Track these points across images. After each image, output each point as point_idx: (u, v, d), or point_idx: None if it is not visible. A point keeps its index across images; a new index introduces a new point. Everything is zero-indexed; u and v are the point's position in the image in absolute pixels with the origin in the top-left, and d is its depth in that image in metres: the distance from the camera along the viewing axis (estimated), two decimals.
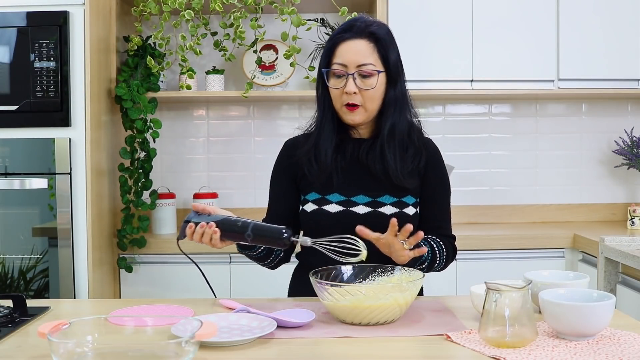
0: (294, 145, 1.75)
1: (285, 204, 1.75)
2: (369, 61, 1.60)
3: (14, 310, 1.44)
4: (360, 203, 1.66)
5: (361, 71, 1.60)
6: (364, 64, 1.60)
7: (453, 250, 1.75)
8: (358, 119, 1.64)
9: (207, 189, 3.17)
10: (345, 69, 1.61)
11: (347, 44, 1.61)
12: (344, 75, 1.61)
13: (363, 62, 1.60)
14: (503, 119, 3.34)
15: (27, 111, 2.51)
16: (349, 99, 1.61)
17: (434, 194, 1.73)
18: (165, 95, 2.99)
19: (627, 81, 3.01)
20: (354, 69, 1.60)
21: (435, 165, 1.73)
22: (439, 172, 1.74)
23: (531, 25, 2.98)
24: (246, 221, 1.46)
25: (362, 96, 1.61)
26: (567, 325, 1.23)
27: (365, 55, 1.60)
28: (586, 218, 3.33)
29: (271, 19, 3.03)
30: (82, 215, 2.53)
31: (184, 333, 1.15)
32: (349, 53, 1.60)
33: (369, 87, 1.60)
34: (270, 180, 1.79)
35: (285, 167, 1.74)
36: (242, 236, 1.45)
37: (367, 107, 1.63)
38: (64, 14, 2.51)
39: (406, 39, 2.97)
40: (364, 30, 1.61)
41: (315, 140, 1.68)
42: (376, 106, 1.64)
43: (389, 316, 1.36)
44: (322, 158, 1.66)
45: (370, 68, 1.60)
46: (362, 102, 1.62)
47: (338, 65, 1.62)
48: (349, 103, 1.61)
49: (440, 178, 1.74)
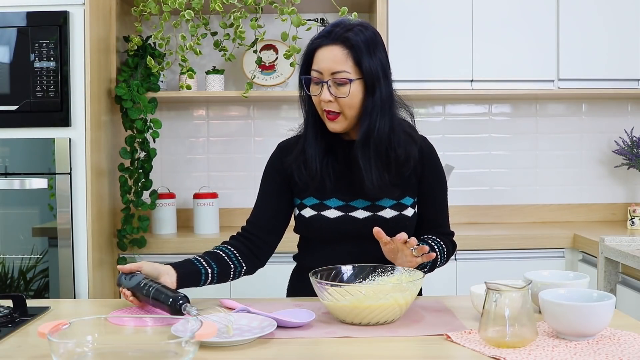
0: (287, 148, 1.73)
1: (272, 206, 1.72)
2: (342, 68, 1.55)
3: (14, 310, 1.44)
4: (359, 207, 1.66)
5: (335, 79, 1.55)
6: (337, 72, 1.55)
7: (453, 246, 1.75)
8: (338, 128, 1.61)
9: (207, 189, 3.16)
10: (321, 76, 1.57)
11: (323, 50, 1.57)
12: (320, 82, 1.58)
13: (336, 70, 1.55)
14: (503, 119, 3.34)
15: (27, 111, 2.51)
16: (325, 106, 1.58)
17: (431, 192, 1.72)
18: (165, 95, 2.99)
19: (627, 81, 3.01)
20: (328, 76, 1.56)
21: (431, 164, 1.72)
22: (434, 170, 1.73)
23: (531, 25, 2.98)
24: (149, 288, 1.43)
25: (339, 104, 1.57)
26: (567, 325, 1.23)
27: (338, 62, 1.55)
28: (586, 218, 3.33)
29: (271, 19, 3.03)
30: (82, 215, 2.53)
31: (184, 333, 1.15)
32: (324, 60, 1.56)
33: (343, 95, 1.56)
34: (261, 181, 1.77)
35: (278, 169, 1.72)
36: (147, 300, 1.44)
37: (346, 115, 1.59)
38: (64, 14, 2.51)
39: (406, 39, 2.97)
40: (340, 36, 1.55)
41: (302, 146, 1.67)
42: (355, 113, 1.59)
43: (389, 316, 1.36)
44: (310, 164, 1.64)
45: (343, 76, 1.55)
46: (340, 109, 1.58)
47: (315, 72, 1.58)
48: (328, 111, 1.59)
49: (437, 176, 1.73)
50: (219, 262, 1.64)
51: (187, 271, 1.58)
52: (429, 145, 1.74)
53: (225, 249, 1.69)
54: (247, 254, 1.69)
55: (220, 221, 3.08)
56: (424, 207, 1.72)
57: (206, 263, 1.62)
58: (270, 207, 1.73)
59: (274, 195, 1.73)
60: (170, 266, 1.57)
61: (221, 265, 1.64)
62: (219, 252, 1.67)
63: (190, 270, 1.59)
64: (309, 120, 1.67)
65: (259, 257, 1.72)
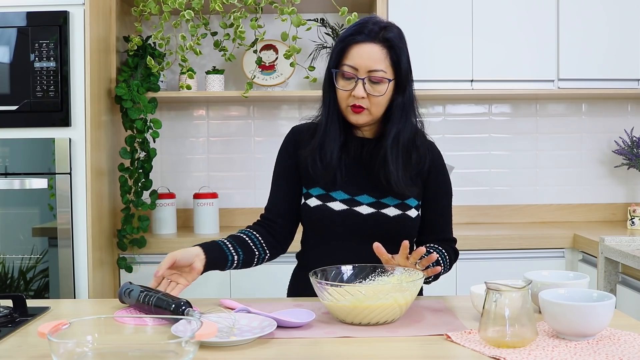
0: (300, 133, 1.74)
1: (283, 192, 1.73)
2: (380, 67, 1.57)
3: (14, 310, 1.44)
4: (364, 203, 1.66)
5: (372, 77, 1.57)
6: (375, 70, 1.57)
7: (455, 253, 1.75)
8: (362, 121, 1.63)
9: (207, 189, 3.17)
10: (355, 72, 1.58)
11: (360, 47, 1.57)
12: (353, 78, 1.58)
13: (375, 68, 1.57)
14: (503, 119, 3.34)
15: (27, 111, 2.51)
16: (355, 101, 1.59)
17: (436, 198, 1.73)
18: (165, 95, 2.99)
19: (627, 81, 3.01)
20: (365, 73, 1.57)
21: (438, 170, 1.73)
22: (441, 176, 1.74)
23: (531, 25, 2.98)
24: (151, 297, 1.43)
25: (369, 101, 1.59)
26: (567, 325, 1.23)
27: (377, 60, 1.57)
28: (586, 218, 3.33)
29: (271, 19, 3.03)
30: (82, 215, 2.53)
31: (184, 333, 1.15)
32: (362, 57, 1.57)
33: (378, 93, 1.58)
34: (275, 166, 1.77)
35: (291, 154, 1.73)
36: (150, 309, 1.43)
37: (372, 111, 1.61)
38: (64, 14, 2.51)
39: (406, 39, 2.96)
40: (378, 35, 1.58)
41: (320, 140, 1.66)
42: (381, 111, 1.63)
43: (389, 316, 1.36)
44: (327, 159, 1.64)
45: (381, 75, 1.57)
46: (368, 106, 1.60)
47: (349, 67, 1.58)
48: (355, 105, 1.60)
49: (443, 182, 1.74)
50: (245, 248, 1.66)
51: (215, 257, 1.60)
52: (438, 152, 1.75)
53: (251, 234, 1.70)
54: (271, 241, 1.71)
55: (220, 221, 3.08)
56: (428, 211, 1.73)
57: (233, 249, 1.64)
58: (287, 192, 1.73)
59: (289, 180, 1.73)
60: (200, 248, 1.58)
61: (247, 252, 1.66)
62: (245, 238, 1.68)
63: (218, 257, 1.61)
64: (332, 116, 1.66)
65: (281, 243, 1.74)
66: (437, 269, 1.51)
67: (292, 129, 1.78)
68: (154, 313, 1.41)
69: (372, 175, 1.67)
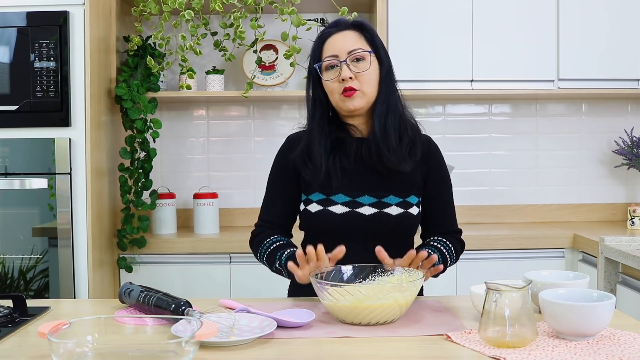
0: (296, 141, 1.74)
1: (283, 203, 1.74)
2: (358, 46, 1.63)
3: (14, 310, 1.44)
4: (365, 204, 1.66)
5: (353, 56, 1.62)
6: (353, 50, 1.62)
7: (461, 244, 1.76)
8: (357, 104, 1.63)
9: (207, 189, 3.17)
10: (336, 59, 1.63)
11: (334, 37, 1.66)
12: (336, 65, 1.62)
13: (353, 48, 1.63)
14: (503, 119, 3.34)
15: (27, 111, 2.51)
16: (344, 84, 1.61)
17: (438, 192, 1.74)
18: (165, 95, 2.99)
19: (627, 81, 3.01)
20: (345, 55, 1.62)
21: (437, 164, 1.74)
22: (440, 170, 1.75)
23: (531, 25, 2.98)
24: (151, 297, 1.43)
25: (359, 81, 1.62)
26: (567, 325, 1.23)
27: (353, 41, 1.64)
28: (586, 218, 3.33)
29: (271, 19, 3.03)
30: (82, 215, 2.53)
31: (184, 333, 1.15)
32: (338, 43, 1.64)
33: (363, 69, 1.62)
34: (270, 175, 1.78)
35: (286, 163, 1.73)
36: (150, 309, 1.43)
37: (364, 91, 1.63)
38: (64, 14, 2.51)
39: (406, 39, 2.97)
40: (348, 23, 1.67)
41: (306, 142, 1.68)
42: (374, 89, 1.65)
43: (389, 316, 1.36)
44: (315, 160, 1.65)
45: (360, 52, 1.62)
46: (359, 87, 1.62)
47: (329, 57, 1.64)
48: (346, 88, 1.61)
49: (443, 176, 1.76)
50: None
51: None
52: (435, 145, 1.77)
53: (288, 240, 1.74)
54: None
55: (220, 221, 3.08)
56: (431, 206, 1.73)
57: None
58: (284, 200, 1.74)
59: (286, 189, 1.74)
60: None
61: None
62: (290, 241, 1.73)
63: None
64: (315, 116, 1.69)
65: None
66: (439, 267, 1.52)
67: (287, 138, 1.79)
68: (154, 313, 1.41)
69: (373, 175, 1.67)
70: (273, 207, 1.76)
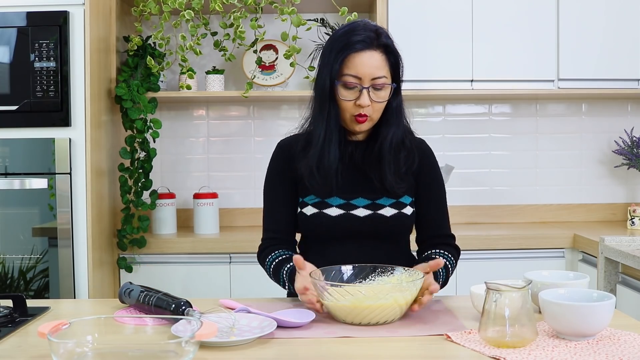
0: (290, 146, 1.72)
1: (287, 209, 1.72)
2: (382, 74, 1.57)
3: (14, 310, 1.44)
4: (360, 206, 1.66)
5: (375, 84, 1.57)
6: (378, 77, 1.57)
7: (457, 252, 1.75)
8: (365, 128, 1.63)
9: (207, 189, 3.16)
10: (359, 81, 1.57)
11: (361, 55, 1.56)
12: (356, 87, 1.57)
13: (377, 75, 1.57)
14: (503, 119, 3.34)
15: (27, 111, 2.51)
16: (361, 110, 1.58)
17: (430, 194, 1.73)
18: (165, 95, 2.99)
19: (627, 81, 3.01)
20: (369, 82, 1.56)
21: (429, 166, 1.74)
22: (433, 172, 1.75)
23: (531, 25, 2.98)
24: (151, 297, 1.43)
25: (372, 108, 1.59)
26: (567, 325, 1.23)
27: (379, 68, 1.56)
28: (586, 218, 3.33)
29: (271, 19, 3.03)
30: (82, 215, 2.53)
31: (184, 333, 1.15)
32: (364, 65, 1.55)
33: (382, 99, 1.59)
34: (266, 185, 1.75)
35: (282, 169, 1.71)
36: (150, 309, 1.43)
37: (373, 117, 1.62)
38: (64, 14, 2.51)
39: (406, 39, 2.95)
40: (374, 41, 1.57)
41: (319, 153, 1.62)
42: (379, 115, 1.63)
43: (389, 316, 1.36)
44: (326, 171, 1.62)
45: (383, 81, 1.57)
46: (370, 113, 1.60)
47: (351, 77, 1.57)
48: (361, 114, 1.59)
49: (435, 178, 1.75)
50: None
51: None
52: (428, 148, 1.77)
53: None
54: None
55: (220, 221, 3.08)
56: (424, 208, 1.73)
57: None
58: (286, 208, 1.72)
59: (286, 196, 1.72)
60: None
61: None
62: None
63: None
64: (331, 128, 1.62)
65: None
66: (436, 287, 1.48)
67: (279, 145, 1.76)
68: (154, 313, 1.41)
69: (366, 177, 1.67)
70: (277, 214, 1.73)
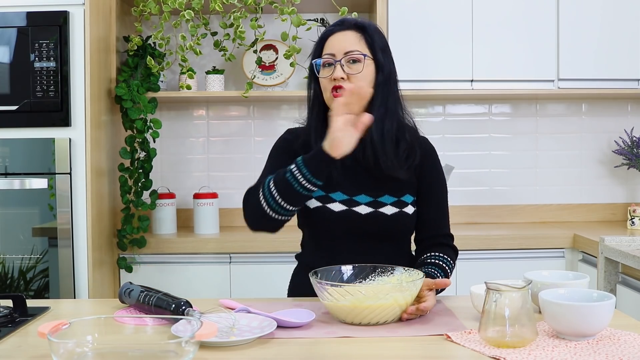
0: (297, 136, 1.74)
1: None
2: (356, 48, 1.63)
3: (14, 310, 1.44)
4: (362, 203, 1.66)
5: (348, 57, 1.62)
6: (350, 51, 1.62)
7: (455, 254, 1.74)
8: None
9: (207, 189, 3.17)
10: (333, 57, 1.63)
11: (336, 35, 1.66)
12: (332, 63, 1.63)
13: (350, 49, 1.63)
14: (503, 119, 3.34)
15: (27, 111, 2.51)
16: (335, 83, 1.61)
17: (431, 192, 1.73)
18: (165, 95, 2.99)
19: (627, 81, 3.01)
20: (342, 55, 1.63)
21: (431, 164, 1.74)
22: (435, 170, 1.75)
23: (531, 25, 2.98)
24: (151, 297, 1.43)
25: (350, 81, 1.61)
26: (567, 325, 1.23)
27: (352, 43, 1.63)
28: (586, 218, 3.33)
29: (271, 19, 3.03)
30: (82, 215, 2.53)
31: (184, 333, 1.15)
32: (337, 41, 1.64)
33: (356, 71, 1.62)
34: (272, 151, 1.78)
35: (286, 150, 1.73)
36: (150, 310, 1.43)
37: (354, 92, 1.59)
38: (64, 14, 2.51)
39: (406, 39, 2.97)
40: (352, 23, 1.67)
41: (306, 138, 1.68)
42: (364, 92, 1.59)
43: (389, 316, 1.36)
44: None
45: (357, 54, 1.62)
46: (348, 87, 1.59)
47: (327, 55, 1.64)
48: (335, 87, 1.61)
49: (437, 176, 1.75)
50: None
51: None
52: (431, 147, 1.77)
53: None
54: None
55: (220, 221, 3.08)
56: (424, 206, 1.73)
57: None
58: None
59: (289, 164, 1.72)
60: None
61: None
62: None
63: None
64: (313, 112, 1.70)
65: None
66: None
67: (287, 130, 1.80)
68: (154, 313, 1.41)
69: (369, 174, 1.67)
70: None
